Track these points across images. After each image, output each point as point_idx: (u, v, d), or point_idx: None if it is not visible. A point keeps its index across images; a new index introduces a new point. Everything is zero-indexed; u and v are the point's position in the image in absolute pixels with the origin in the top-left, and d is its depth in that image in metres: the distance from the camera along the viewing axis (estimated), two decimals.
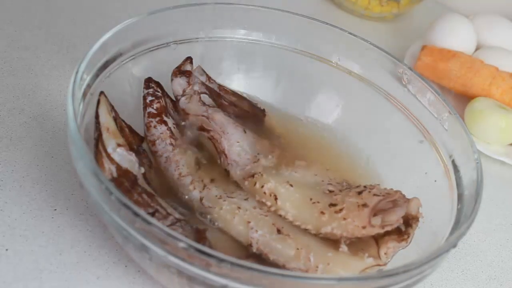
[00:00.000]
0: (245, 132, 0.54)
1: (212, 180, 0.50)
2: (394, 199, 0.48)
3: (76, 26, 0.70)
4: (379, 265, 0.45)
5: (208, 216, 0.48)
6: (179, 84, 0.55)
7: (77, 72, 0.44)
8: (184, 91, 0.55)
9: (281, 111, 0.61)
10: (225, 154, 0.52)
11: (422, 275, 0.41)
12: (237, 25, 0.59)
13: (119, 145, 0.47)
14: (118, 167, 0.46)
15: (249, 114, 0.58)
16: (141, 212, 0.37)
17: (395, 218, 0.46)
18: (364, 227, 0.46)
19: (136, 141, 0.51)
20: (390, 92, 0.58)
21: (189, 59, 0.56)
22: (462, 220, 0.45)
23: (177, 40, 0.56)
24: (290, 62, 0.61)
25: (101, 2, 0.76)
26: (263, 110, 0.59)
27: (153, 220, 0.37)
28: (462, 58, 0.74)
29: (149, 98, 0.53)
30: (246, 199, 0.49)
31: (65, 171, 0.52)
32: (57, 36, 0.68)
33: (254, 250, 0.46)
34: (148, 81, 0.54)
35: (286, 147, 0.56)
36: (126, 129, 0.50)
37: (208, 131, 0.53)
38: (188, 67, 0.56)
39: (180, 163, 0.51)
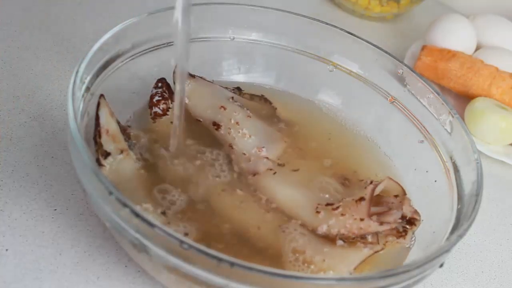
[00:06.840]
0: (255, 122, 0.54)
1: (215, 174, 0.50)
2: (388, 202, 0.49)
3: (76, 26, 0.70)
4: (376, 251, 0.46)
5: (211, 205, 0.48)
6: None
7: (77, 72, 0.44)
8: None
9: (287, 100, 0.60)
10: (232, 147, 0.52)
11: (422, 275, 0.41)
12: (237, 25, 0.59)
13: (118, 148, 0.47)
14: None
15: (254, 106, 0.58)
16: (141, 212, 0.37)
17: (391, 219, 0.47)
18: (362, 220, 0.46)
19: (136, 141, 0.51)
20: (390, 92, 0.58)
21: None
22: (462, 220, 0.45)
23: None
24: (290, 62, 0.61)
25: (101, 2, 0.76)
26: (262, 96, 0.58)
27: (153, 220, 0.37)
28: (462, 58, 0.74)
29: (156, 97, 0.53)
30: (246, 195, 0.49)
31: (65, 171, 0.52)
32: (57, 36, 0.68)
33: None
34: (160, 81, 0.54)
35: (295, 136, 0.56)
36: (128, 132, 0.50)
37: (219, 125, 0.53)
38: None
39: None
